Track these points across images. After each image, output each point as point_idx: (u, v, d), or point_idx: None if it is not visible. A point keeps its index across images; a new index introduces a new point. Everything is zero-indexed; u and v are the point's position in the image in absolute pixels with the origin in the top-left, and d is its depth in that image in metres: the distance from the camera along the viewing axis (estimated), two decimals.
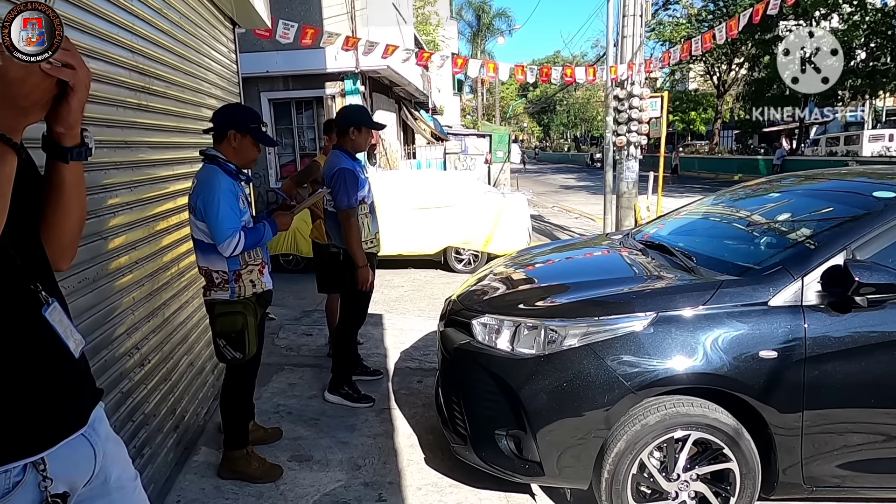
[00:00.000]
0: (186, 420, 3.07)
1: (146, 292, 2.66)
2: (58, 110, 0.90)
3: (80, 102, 0.91)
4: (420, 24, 20.89)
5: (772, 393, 2.21)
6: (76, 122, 0.95)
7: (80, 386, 1.07)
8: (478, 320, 2.64)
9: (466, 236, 7.52)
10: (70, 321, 1.07)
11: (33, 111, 0.85)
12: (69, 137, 0.97)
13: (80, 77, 0.88)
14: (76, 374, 1.06)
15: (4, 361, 0.93)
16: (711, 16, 28.58)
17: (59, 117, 0.92)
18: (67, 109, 0.91)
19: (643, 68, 8.57)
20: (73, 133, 0.97)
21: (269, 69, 10.23)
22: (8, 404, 0.93)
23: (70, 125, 0.95)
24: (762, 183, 4.04)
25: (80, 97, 0.91)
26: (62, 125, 0.94)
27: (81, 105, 0.92)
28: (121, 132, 2.48)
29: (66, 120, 0.93)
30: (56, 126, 0.94)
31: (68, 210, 1.06)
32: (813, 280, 2.25)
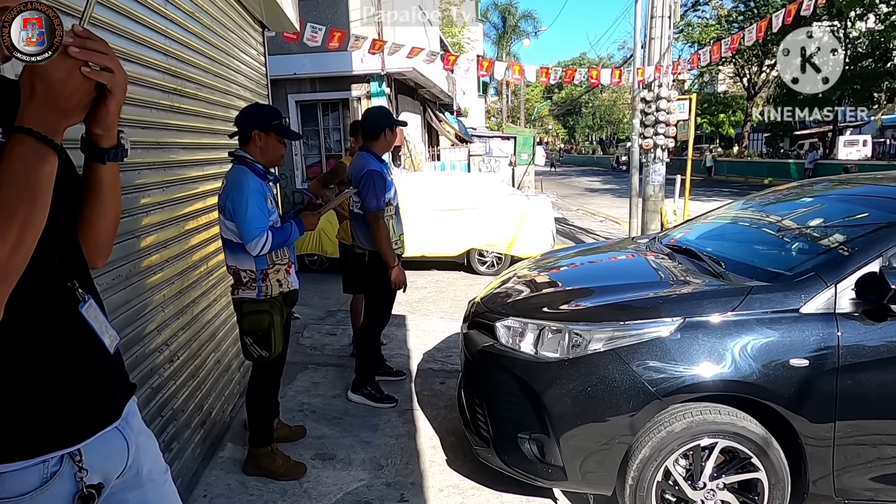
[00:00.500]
0: (213, 416, 3.13)
1: (176, 290, 2.72)
2: (96, 112, 0.93)
3: (117, 105, 0.94)
4: (445, 26, 20.93)
5: (803, 402, 2.16)
6: (113, 124, 0.98)
7: (114, 380, 1.10)
8: (501, 323, 2.63)
9: (490, 238, 7.50)
10: (105, 318, 1.09)
11: (74, 113, 0.87)
12: (107, 139, 0.99)
13: (118, 80, 0.90)
14: (111, 369, 1.09)
15: (43, 356, 0.96)
16: (742, 17, 28.07)
17: (97, 119, 0.95)
18: (105, 112, 0.93)
19: (671, 70, 8.46)
20: (111, 134, 0.99)
21: (297, 71, 10.35)
22: (47, 397, 0.96)
23: (108, 127, 0.97)
24: (793, 187, 3.96)
25: (118, 100, 0.93)
26: (100, 127, 0.97)
27: (119, 107, 0.95)
28: (154, 133, 2.54)
29: (104, 122, 0.96)
30: (94, 128, 0.97)
31: (105, 209, 1.09)
32: (847, 287, 2.20)
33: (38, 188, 0.83)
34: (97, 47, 0.85)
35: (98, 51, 0.85)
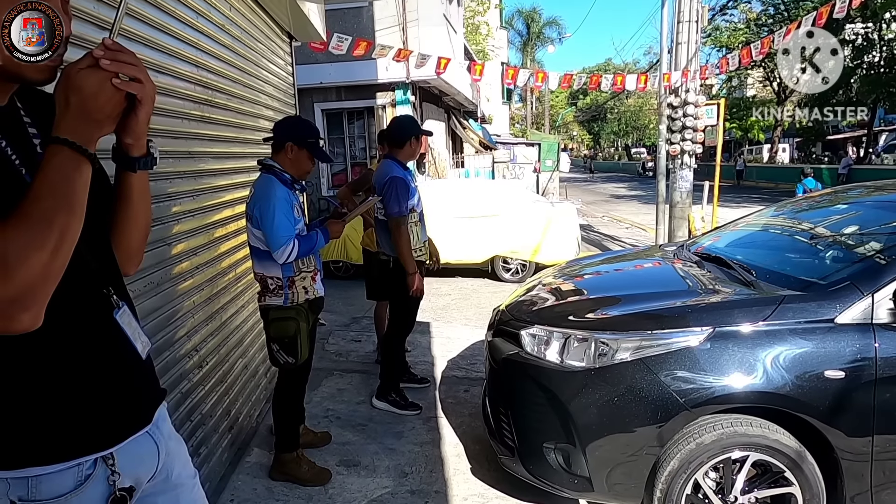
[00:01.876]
0: (240, 422, 3.17)
1: (205, 297, 2.77)
2: (126, 122, 0.95)
3: (146, 115, 0.96)
4: (470, 33, 21.00)
5: (838, 415, 2.09)
6: (143, 134, 1.00)
7: (146, 386, 1.12)
8: (526, 331, 2.62)
9: (514, 246, 7.47)
10: (138, 324, 1.12)
11: (106, 123, 0.90)
12: (136, 148, 1.02)
13: (147, 91, 0.92)
14: (143, 375, 1.11)
15: (79, 362, 0.98)
16: (772, 20, 27.59)
17: (127, 129, 0.97)
18: (135, 121, 0.96)
19: (698, 75, 8.35)
20: (140, 144, 1.02)
21: (323, 80, 10.49)
22: (82, 402, 0.98)
23: (138, 136, 1.00)
24: (827, 193, 3.87)
25: (147, 110, 0.95)
26: (130, 136, 0.99)
27: (148, 117, 0.97)
28: (185, 143, 2.59)
29: (135, 131, 0.98)
30: (125, 137, 1.00)
31: (136, 217, 1.12)
32: (885, 297, 2.13)
33: (75, 196, 0.86)
34: (127, 59, 0.88)
35: (128, 62, 0.88)
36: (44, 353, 0.93)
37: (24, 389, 0.92)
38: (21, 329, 0.82)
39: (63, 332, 0.94)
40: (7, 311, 0.80)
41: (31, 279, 0.80)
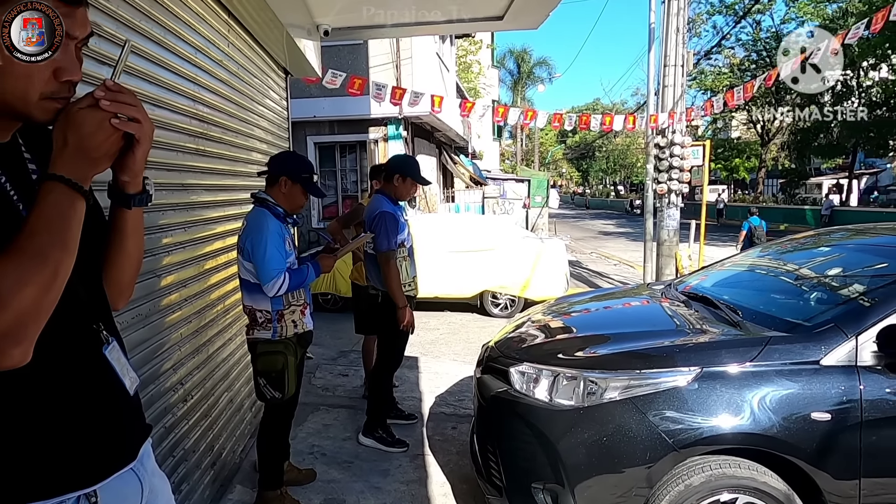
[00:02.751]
0: (223, 457, 3.10)
1: (193, 329, 2.74)
2: (123, 160, 0.96)
3: (144, 153, 0.98)
4: (462, 71, 21.46)
5: (825, 457, 2.10)
6: (140, 171, 1.02)
7: (132, 422, 1.11)
8: (515, 368, 2.61)
9: (503, 281, 7.50)
10: (127, 359, 1.11)
11: (102, 161, 0.91)
12: (133, 185, 1.03)
13: (145, 130, 0.94)
14: (130, 411, 1.10)
15: (66, 398, 0.97)
16: (754, 65, 28.48)
17: (124, 167, 0.98)
18: (133, 160, 0.97)
19: (684, 117, 8.56)
20: (137, 181, 1.03)
21: (317, 114, 10.62)
22: (67, 438, 0.97)
23: (134, 174, 1.01)
24: (810, 235, 3.94)
25: (145, 148, 0.97)
26: (127, 174, 1.00)
27: (145, 156, 0.99)
28: (179, 175, 2.61)
29: (132, 169, 0.99)
30: (121, 175, 1.01)
31: (128, 252, 1.12)
32: (868, 339, 2.16)
33: (69, 232, 0.87)
34: (126, 100, 0.90)
35: (127, 103, 0.90)
36: (29, 389, 0.91)
37: (9, 426, 0.91)
38: (10, 364, 0.82)
39: (51, 367, 0.93)
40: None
41: (22, 314, 0.80)
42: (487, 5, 4.19)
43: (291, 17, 3.89)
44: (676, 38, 8.55)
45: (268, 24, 3.70)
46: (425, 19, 4.61)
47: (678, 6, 8.47)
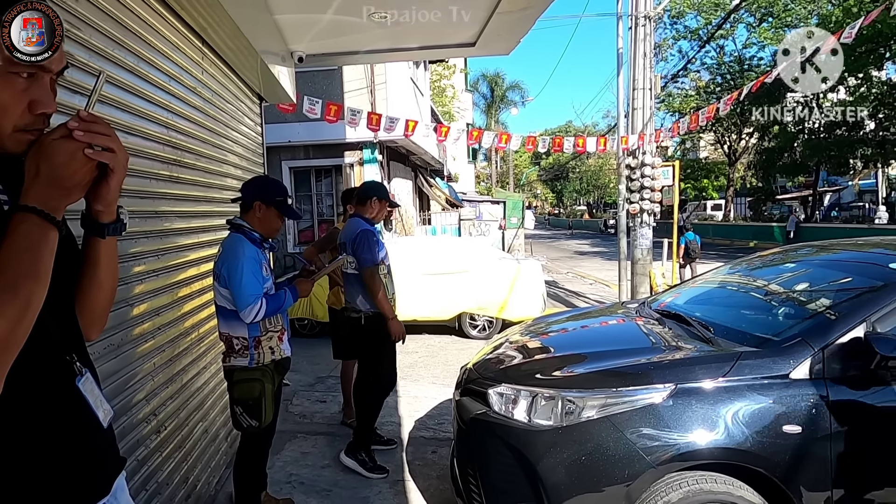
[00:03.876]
0: (198, 490, 3.03)
1: (166, 358, 2.70)
2: (97, 190, 0.96)
3: (118, 182, 0.97)
4: (436, 96, 21.71)
5: (798, 470, 2.14)
6: (114, 201, 1.01)
7: (105, 455, 1.09)
8: (494, 390, 2.62)
9: (481, 302, 7.52)
10: (100, 391, 1.09)
11: (75, 191, 0.91)
12: (107, 214, 1.02)
13: (120, 159, 0.94)
14: (103, 444, 1.08)
15: (38, 432, 0.95)
16: (720, 87, 29.40)
17: (98, 196, 0.98)
18: (107, 189, 0.97)
19: (654, 138, 8.78)
20: (111, 210, 1.03)
21: (291, 139, 10.63)
22: (39, 473, 0.94)
23: (108, 203, 1.00)
24: (777, 252, 4.06)
25: (119, 178, 0.97)
26: (101, 203, 1.00)
27: (119, 185, 0.98)
28: (152, 202, 2.59)
29: (105, 198, 0.99)
30: (95, 204, 1.00)
31: (102, 282, 1.11)
32: (834, 352, 2.23)
33: (41, 264, 0.86)
34: (100, 130, 0.90)
35: (101, 133, 0.90)
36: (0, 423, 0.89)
37: None
38: None
39: (21, 400, 0.91)
40: None
41: None
42: (460, 32, 4.28)
43: (265, 44, 3.92)
44: (644, 63, 8.80)
45: (242, 51, 3.72)
46: (399, 46, 4.69)
47: (644, 32, 8.75)
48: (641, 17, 8.70)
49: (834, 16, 20.50)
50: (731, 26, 27.65)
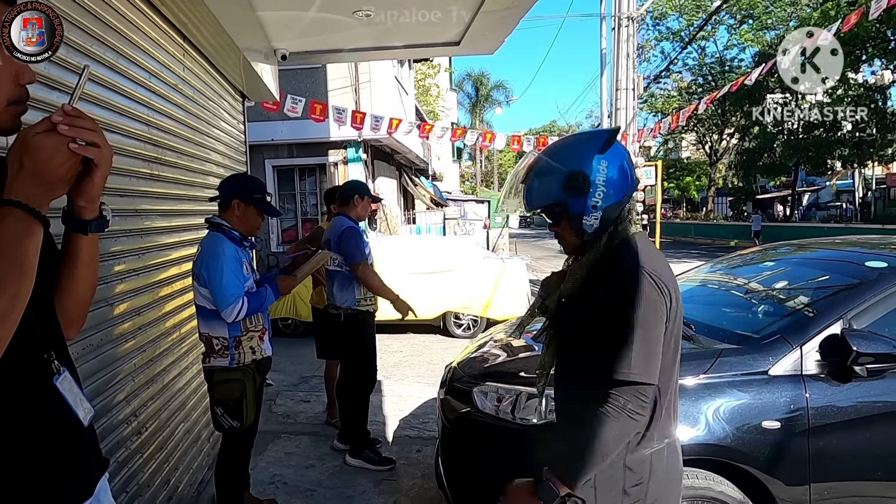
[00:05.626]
0: (180, 491, 3.00)
1: (147, 358, 2.66)
2: (81, 185, 0.94)
3: (102, 178, 0.95)
4: (421, 94, 21.70)
5: (777, 465, 2.18)
6: (97, 196, 0.99)
7: (87, 456, 1.07)
8: (478, 388, 2.62)
9: (466, 301, 7.53)
10: (80, 390, 1.07)
11: (59, 186, 0.89)
12: (89, 210, 1.01)
13: (104, 155, 0.92)
14: (84, 445, 1.06)
15: (13, 432, 0.93)
16: (701, 88, 29.78)
17: (82, 192, 0.96)
18: (91, 184, 0.95)
19: (637, 138, 8.87)
20: (94, 206, 1.01)
21: (275, 137, 10.55)
22: (15, 475, 0.92)
23: (91, 199, 0.99)
24: (757, 251, 4.12)
25: (103, 173, 0.95)
26: (84, 199, 0.98)
27: (103, 180, 0.96)
28: (132, 201, 2.56)
29: (89, 194, 0.97)
30: (78, 200, 0.98)
31: (83, 280, 1.09)
32: (812, 349, 2.27)
33: (26, 259, 0.84)
34: (85, 125, 0.89)
35: (86, 127, 0.88)
36: None
37: None
38: None
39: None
40: None
41: None
42: (444, 31, 4.28)
43: (248, 41, 3.89)
44: (627, 63, 8.90)
45: (224, 48, 3.68)
46: (383, 44, 4.67)
47: (627, 33, 8.83)
48: (624, 19, 8.78)
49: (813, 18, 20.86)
50: (713, 28, 28.03)
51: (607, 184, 1.35)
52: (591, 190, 1.35)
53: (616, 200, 1.37)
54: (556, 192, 1.38)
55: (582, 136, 1.45)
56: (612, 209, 1.38)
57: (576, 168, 1.36)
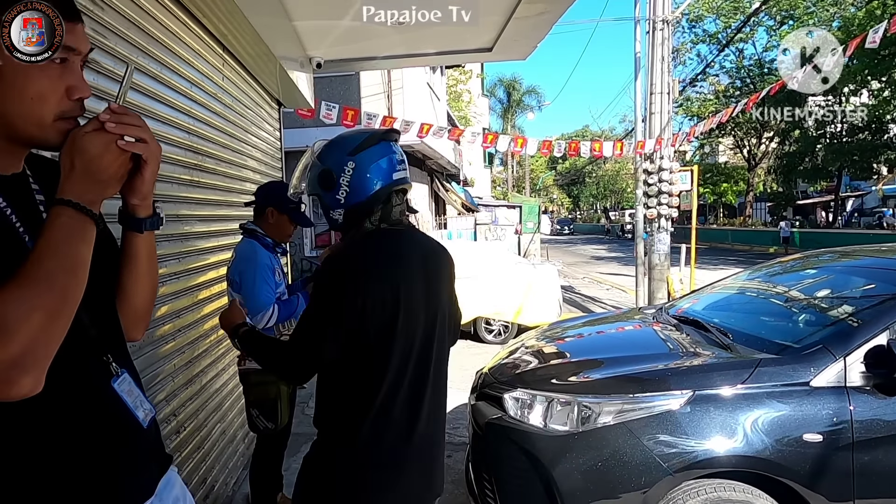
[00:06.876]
0: (216, 490, 3.06)
1: (186, 360, 2.74)
2: (132, 183, 0.96)
3: (152, 174, 0.97)
4: (452, 100, 21.78)
5: (819, 479, 2.11)
6: (149, 194, 1.01)
7: (146, 456, 1.06)
8: (510, 394, 2.62)
9: (496, 307, 7.50)
10: (140, 391, 1.07)
11: (110, 184, 0.91)
12: (143, 209, 1.02)
13: (152, 150, 0.94)
14: (144, 445, 1.05)
15: (72, 434, 0.93)
16: (739, 91, 29.10)
17: (133, 189, 0.98)
18: (141, 181, 0.96)
19: (671, 143, 8.72)
20: (146, 204, 1.02)
21: (309, 144, 10.66)
22: (73, 477, 0.93)
23: (144, 196, 1.00)
24: (798, 258, 4.00)
25: (153, 169, 0.96)
26: (137, 196, 1.00)
27: (154, 176, 0.98)
28: (174, 207, 2.63)
29: (140, 191, 0.99)
30: (131, 198, 1.00)
31: (143, 279, 1.10)
32: (856, 360, 2.19)
33: (78, 257, 0.85)
34: (131, 121, 0.90)
35: (132, 124, 0.90)
36: (33, 426, 0.88)
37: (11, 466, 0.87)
38: (22, 394, 0.79)
39: (55, 402, 0.89)
40: (7, 375, 0.77)
41: (30, 341, 0.78)
42: (477, 37, 4.29)
43: (284, 49, 3.97)
44: (662, 67, 8.76)
45: (261, 57, 3.77)
46: (416, 51, 4.70)
47: (662, 36, 8.70)
48: (659, 21, 8.66)
49: (857, 18, 20.22)
50: (751, 30, 27.39)
51: (350, 184, 1.43)
52: (336, 188, 1.44)
53: (358, 200, 1.44)
54: (314, 185, 1.50)
55: (345, 136, 1.50)
56: (357, 208, 1.45)
57: (327, 165, 1.47)
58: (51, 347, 0.81)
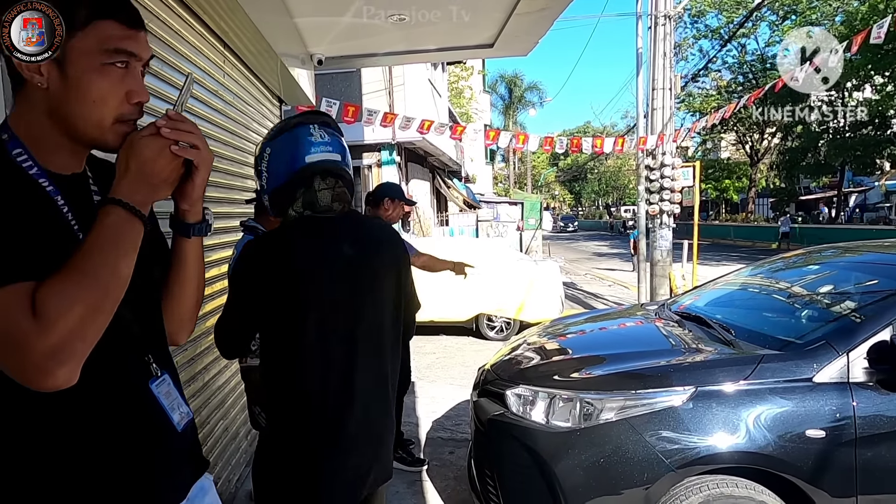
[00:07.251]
0: (219, 487, 3.07)
1: (189, 357, 2.74)
2: (183, 188, 0.98)
3: (203, 181, 0.99)
4: (454, 97, 21.74)
5: (822, 475, 2.10)
6: (199, 199, 1.03)
7: (180, 460, 1.06)
8: (512, 391, 2.62)
9: (498, 303, 7.50)
10: (180, 394, 1.07)
11: (162, 187, 0.93)
12: (192, 214, 1.04)
13: (204, 156, 0.96)
14: (178, 448, 1.05)
15: (103, 433, 0.93)
16: (741, 87, 28.99)
17: (184, 194, 1.00)
18: (192, 187, 0.98)
19: (673, 139, 8.69)
20: (196, 210, 1.04)
21: None
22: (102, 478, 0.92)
23: (193, 202, 1.02)
24: (800, 254, 3.99)
25: (204, 176, 0.98)
26: (187, 202, 1.02)
27: (204, 183, 1.00)
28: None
29: (191, 196, 1.01)
30: (182, 203, 1.02)
31: (189, 284, 1.11)
32: (859, 356, 2.19)
33: (123, 255, 0.86)
34: (186, 128, 0.93)
35: (187, 131, 0.93)
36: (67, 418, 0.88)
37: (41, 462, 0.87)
38: (56, 385, 0.79)
39: (91, 396, 0.89)
40: (44, 365, 0.78)
41: (69, 333, 0.78)
42: (478, 34, 4.29)
43: (286, 46, 3.97)
44: (664, 63, 8.73)
45: (262, 54, 3.77)
46: (417, 47, 4.71)
47: (664, 32, 8.67)
48: (661, 17, 8.62)
49: (860, 13, 20.13)
50: (754, 25, 27.26)
51: (269, 169, 1.48)
52: (260, 175, 1.51)
53: (276, 185, 1.47)
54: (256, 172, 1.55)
55: (275, 125, 1.52)
56: (278, 193, 1.48)
57: (257, 153, 1.53)
58: (88, 342, 0.82)
